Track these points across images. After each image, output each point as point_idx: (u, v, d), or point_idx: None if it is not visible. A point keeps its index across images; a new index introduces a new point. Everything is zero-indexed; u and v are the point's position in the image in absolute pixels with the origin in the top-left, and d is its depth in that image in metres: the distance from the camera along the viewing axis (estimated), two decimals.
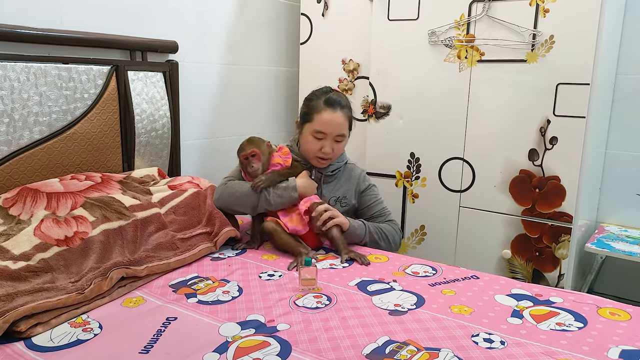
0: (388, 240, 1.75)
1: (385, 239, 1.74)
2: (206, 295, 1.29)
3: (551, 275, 1.98)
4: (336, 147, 1.73)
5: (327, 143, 1.71)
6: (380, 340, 1.08)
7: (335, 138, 1.71)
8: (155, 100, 1.97)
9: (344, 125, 1.72)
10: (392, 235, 1.76)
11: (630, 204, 2.29)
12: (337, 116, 1.70)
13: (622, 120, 2.25)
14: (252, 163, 1.65)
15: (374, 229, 1.72)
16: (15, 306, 1.09)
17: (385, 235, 1.74)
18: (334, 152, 1.73)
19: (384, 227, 1.75)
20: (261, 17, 2.55)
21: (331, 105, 1.69)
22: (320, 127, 1.70)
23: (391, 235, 1.76)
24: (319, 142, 1.71)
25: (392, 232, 1.77)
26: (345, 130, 1.73)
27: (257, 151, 1.65)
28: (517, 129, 1.97)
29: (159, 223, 1.56)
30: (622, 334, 1.11)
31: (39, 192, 1.49)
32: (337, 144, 1.73)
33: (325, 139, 1.70)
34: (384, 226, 1.76)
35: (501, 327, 1.14)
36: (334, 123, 1.69)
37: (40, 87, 1.61)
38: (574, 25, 1.81)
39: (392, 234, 1.77)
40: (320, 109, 1.70)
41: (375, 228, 1.73)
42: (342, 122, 1.72)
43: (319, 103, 1.71)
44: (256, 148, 1.65)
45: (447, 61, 2.08)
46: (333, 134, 1.70)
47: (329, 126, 1.69)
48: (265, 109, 2.68)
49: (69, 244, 1.36)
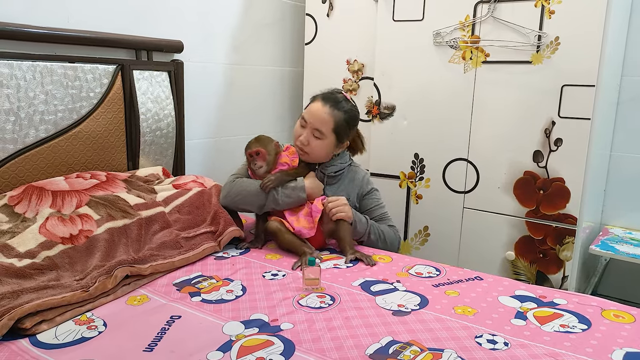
0: (385, 242, 1.74)
1: (383, 240, 1.74)
2: (210, 294, 1.29)
3: (555, 277, 1.98)
4: (313, 142, 1.69)
5: (305, 132, 1.70)
6: (384, 340, 1.08)
7: (313, 131, 1.68)
8: (160, 99, 1.97)
9: (325, 121, 1.67)
10: (391, 239, 1.76)
11: (635, 207, 2.28)
12: (323, 110, 1.68)
13: (627, 122, 2.25)
14: (256, 161, 1.65)
15: (374, 227, 1.72)
16: (20, 303, 1.10)
17: (383, 237, 1.74)
18: (310, 145, 1.69)
19: (383, 228, 1.76)
20: (266, 17, 2.56)
21: (324, 100, 1.70)
22: (304, 114, 1.72)
23: (389, 238, 1.76)
24: (300, 130, 1.72)
25: (391, 236, 1.77)
26: (325, 127, 1.67)
27: (263, 150, 1.65)
28: (521, 131, 1.97)
29: (164, 222, 1.57)
30: (626, 336, 1.11)
31: (44, 190, 1.50)
32: (315, 140, 1.68)
33: (305, 127, 1.71)
34: (384, 227, 1.76)
35: (505, 329, 1.14)
36: (316, 114, 1.68)
37: (46, 85, 1.62)
38: (580, 27, 1.81)
39: (391, 237, 1.77)
40: (315, 100, 1.73)
41: (376, 227, 1.73)
42: (326, 118, 1.67)
43: (318, 96, 1.74)
44: (262, 147, 1.66)
45: (451, 62, 2.08)
46: (312, 125, 1.68)
47: (311, 115, 1.69)
48: (269, 109, 2.69)
49: (74, 242, 1.36)
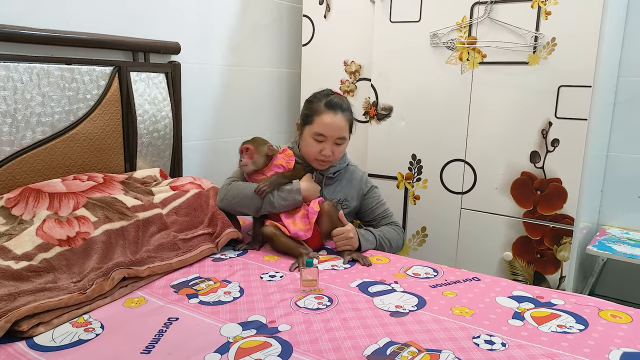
0: (391, 246, 1.77)
1: (389, 246, 1.76)
2: (207, 295, 1.29)
3: (552, 277, 1.98)
4: (336, 150, 1.73)
5: (327, 146, 1.70)
6: (382, 341, 1.08)
7: (335, 141, 1.71)
8: (157, 101, 1.97)
9: (344, 128, 1.72)
10: (396, 240, 1.79)
11: (631, 207, 2.29)
12: (338, 119, 1.69)
13: (623, 123, 2.25)
14: (242, 157, 1.67)
15: (379, 238, 1.73)
16: (17, 306, 1.09)
17: (389, 244, 1.76)
18: (334, 154, 1.73)
19: (387, 233, 1.76)
20: (263, 18, 2.56)
21: (332, 108, 1.69)
22: (320, 130, 1.69)
23: (395, 241, 1.78)
24: (319, 145, 1.70)
25: (396, 237, 1.79)
26: (345, 133, 1.73)
27: (251, 148, 1.67)
28: (518, 131, 1.97)
29: (161, 223, 1.57)
30: (623, 337, 1.11)
31: (41, 192, 1.50)
32: (337, 147, 1.73)
33: (325, 141, 1.70)
34: (388, 232, 1.77)
35: (502, 329, 1.14)
36: (334, 126, 1.69)
37: (43, 87, 1.62)
38: (576, 28, 1.81)
39: (396, 238, 1.79)
40: (321, 112, 1.70)
41: (381, 237, 1.73)
42: (343, 125, 1.71)
43: (320, 105, 1.71)
44: (252, 145, 1.67)
45: (448, 63, 2.08)
46: (333, 136, 1.70)
47: (329, 129, 1.69)
48: (267, 110, 2.69)
49: (71, 244, 1.36)
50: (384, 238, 1.74)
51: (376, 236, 1.72)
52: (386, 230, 1.77)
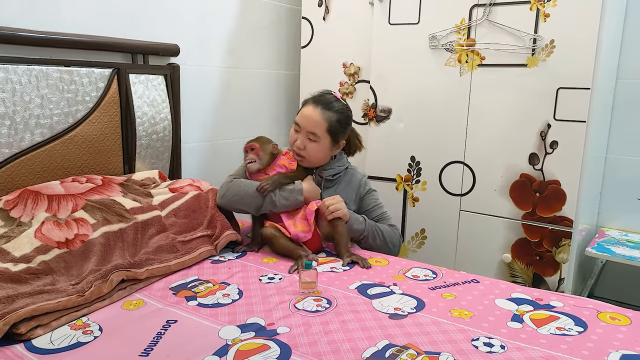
0: (385, 241, 1.73)
1: (382, 238, 1.72)
2: (206, 298, 1.29)
3: (551, 279, 1.98)
4: (309, 146, 1.69)
5: (300, 137, 1.71)
6: (380, 344, 1.08)
7: (307, 134, 1.69)
8: (156, 103, 1.97)
9: (318, 124, 1.67)
10: (391, 237, 1.75)
11: (630, 209, 2.29)
12: (315, 113, 1.68)
13: (622, 125, 2.26)
14: (248, 154, 1.68)
15: (372, 226, 1.72)
16: (15, 308, 1.09)
17: (382, 235, 1.72)
18: (307, 149, 1.70)
19: (381, 226, 1.75)
20: (262, 20, 2.56)
21: (315, 102, 1.71)
22: (297, 119, 1.73)
23: (388, 236, 1.74)
24: (295, 135, 1.73)
25: (391, 233, 1.75)
26: (318, 130, 1.67)
27: (257, 146, 1.68)
28: (517, 133, 1.97)
29: (160, 226, 1.56)
30: (622, 339, 1.11)
31: (40, 194, 1.49)
32: (310, 143, 1.69)
33: (299, 132, 1.71)
34: (382, 226, 1.75)
35: (501, 331, 1.14)
36: (308, 118, 1.69)
37: (42, 89, 1.62)
38: (575, 30, 1.82)
39: (391, 235, 1.75)
40: (306, 103, 1.73)
41: (374, 226, 1.73)
42: (318, 120, 1.67)
43: (309, 100, 1.74)
44: (258, 144, 1.68)
45: (447, 65, 2.08)
46: (306, 128, 1.69)
47: (303, 119, 1.70)
48: (266, 112, 2.69)
49: (70, 246, 1.36)
50: (375, 227, 1.72)
51: (366, 220, 1.71)
52: (381, 225, 1.75)
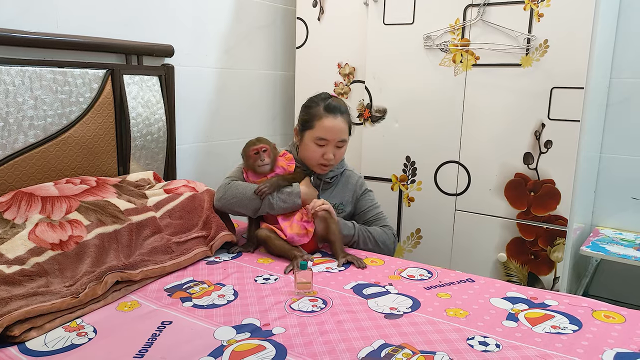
0: (376, 243, 1.73)
1: (374, 241, 1.73)
2: (201, 299, 1.29)
3: (546, 278, 1.99)
4: (337, 153, 1.74)
5: (329, 149, 1.71)
6: (376, 343, 1.08)
7: (337, 144, 1.72)
8: (150, 104, 1.97)
9: (344, 131, 1.74)
10: (383, 239, 1.75)
11: (624, 207, 2.30)
12: (338, 122, 1.71)
13: (616, 124, 2.27)
14: (264, 157, 1.66)
15: (362, 231, 1.72)
16: (9, 310, 1.09)
17: (373, 238, 1.73)
18: (336, 157, 1.74)
19: (372, 229, 1.75)
20: (257, 21, 2.56)
21: (332, 112, 1.70)
22: (322, 134, 1.70)
23: (381, 239, 1.74)
24: (320, 149, 1.71)
25: (383, 235, 1.75)
26: (346, 135, 1.75)
27: (268, 147, 1.68)
28: (512, 133, 1.98)
29: (155, 227, 1.56)
30: (617, 337, 1.12)
31: (33, 196, 1.49)
32: (339, 150, 1.74)
33: (327, 145, 1.71)
34: (374, 229, 1.76)
35: (496, 330, 1.14)
36: (335, 129, 1.70)
37: (35, 91, 1.61)
38: (568, 30, 1.82)
39: (383, 237, 1.75)
40: (321, 116, 1.70)
41: (364, 230, 1.73)
42: (343, 127, 1.73)
43: (319, 110, 1.71)
44: (269, 146, 1.68)
45: (442, 65, 2.09)
46: (335, 140, 1.71)
47: (331, 132, 1.70)
48: (261, 112, 2.68)
49: (64, 248, 1.35)
50: (365, 231, 1.73)
51: (355, 226, 1.72)
52: (372, 228, 1.76)
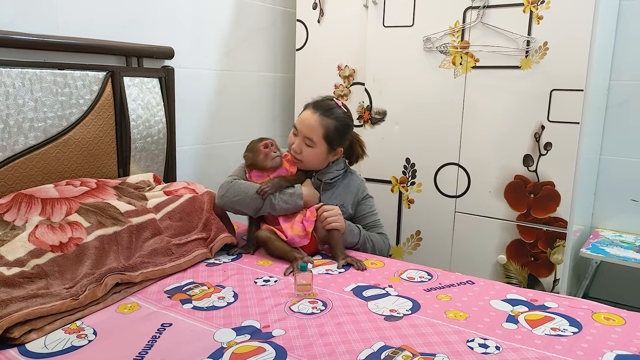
0: (374, 250, 1.77)
1: (372, 248, 1.76)
2: (201, 301, 1.29)
3: (546, 280, 1.99)
4: (305, 151, 1.69)
5: (297, 140, 1.71)
6: (376, 345, 1.08)
7: (304, 139, 1.69)
8: (151, 106, 1.97)
9: (315, 130, 1.67)
10: (380, 247, 1.78)
11: (624, 209, 2.30)
12: (312, 118, 1.68)
13: (616, 126, 2.27)
14: (275, 150, 1.69)
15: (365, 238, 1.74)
16: (9, 312, 1.09)
17: (372, 245, 1.76)
18: (303, 155, 1.70)
19: (373, 237, 1.78)
20: (257, 23, 2.56)
21: (313, 107, 1.71)
22: (296, 122, 1.74)
23: (378, 246, 1.78)
24: (293, 138, 1.74)
25: (381, 244, 1.79)
26: (315, 136, 1.66)
27: (274, 142, 1.70)
28: (511, 135, 1.98)
29: (154, 229, 1.56)
30: (617, 339, 1.12)
31: (33, 197, 1.49)
32: (307, 148, 1.69)
33: (297, 135, 1.72)
34: (374, 236, 1.79)
35: (496, 332, 1.14)
36: (306, 122, 1.69)
37: (35, 92, 1.61)
38: (568, 32, 1.82)
39: (381, 245, 1.79)
40: (306, 108, 1.74)
41: (367, 237, 1.75)
42: (315, 126, 1.67)
43: (309, 104, 1.74)
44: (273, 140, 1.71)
45: (442, 67, 2.09)
46: (302, 132, 1.70)
47: (300, 122, 1.71)
48: (261, 115, 2.69)
49: (64, 250, 1.35)
50: (368, 237, 1.75)
51: (360, 231, 1.73)
52: (373, 236, 1.79)
